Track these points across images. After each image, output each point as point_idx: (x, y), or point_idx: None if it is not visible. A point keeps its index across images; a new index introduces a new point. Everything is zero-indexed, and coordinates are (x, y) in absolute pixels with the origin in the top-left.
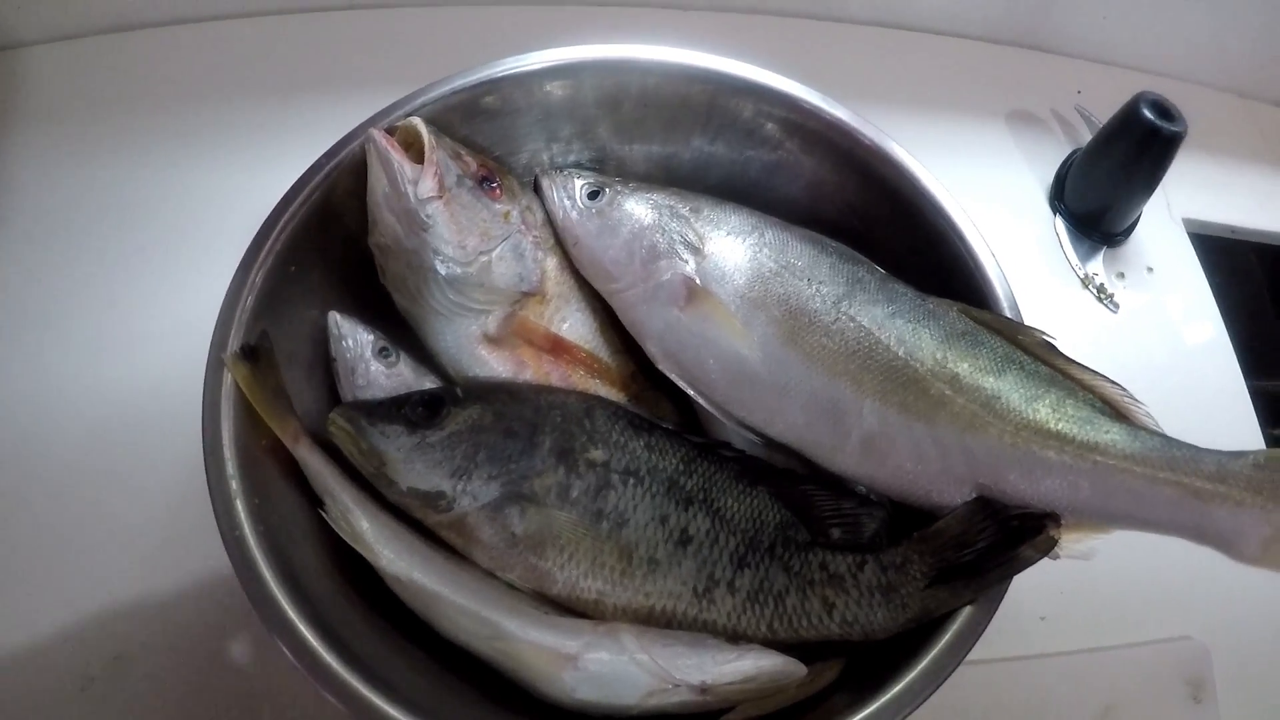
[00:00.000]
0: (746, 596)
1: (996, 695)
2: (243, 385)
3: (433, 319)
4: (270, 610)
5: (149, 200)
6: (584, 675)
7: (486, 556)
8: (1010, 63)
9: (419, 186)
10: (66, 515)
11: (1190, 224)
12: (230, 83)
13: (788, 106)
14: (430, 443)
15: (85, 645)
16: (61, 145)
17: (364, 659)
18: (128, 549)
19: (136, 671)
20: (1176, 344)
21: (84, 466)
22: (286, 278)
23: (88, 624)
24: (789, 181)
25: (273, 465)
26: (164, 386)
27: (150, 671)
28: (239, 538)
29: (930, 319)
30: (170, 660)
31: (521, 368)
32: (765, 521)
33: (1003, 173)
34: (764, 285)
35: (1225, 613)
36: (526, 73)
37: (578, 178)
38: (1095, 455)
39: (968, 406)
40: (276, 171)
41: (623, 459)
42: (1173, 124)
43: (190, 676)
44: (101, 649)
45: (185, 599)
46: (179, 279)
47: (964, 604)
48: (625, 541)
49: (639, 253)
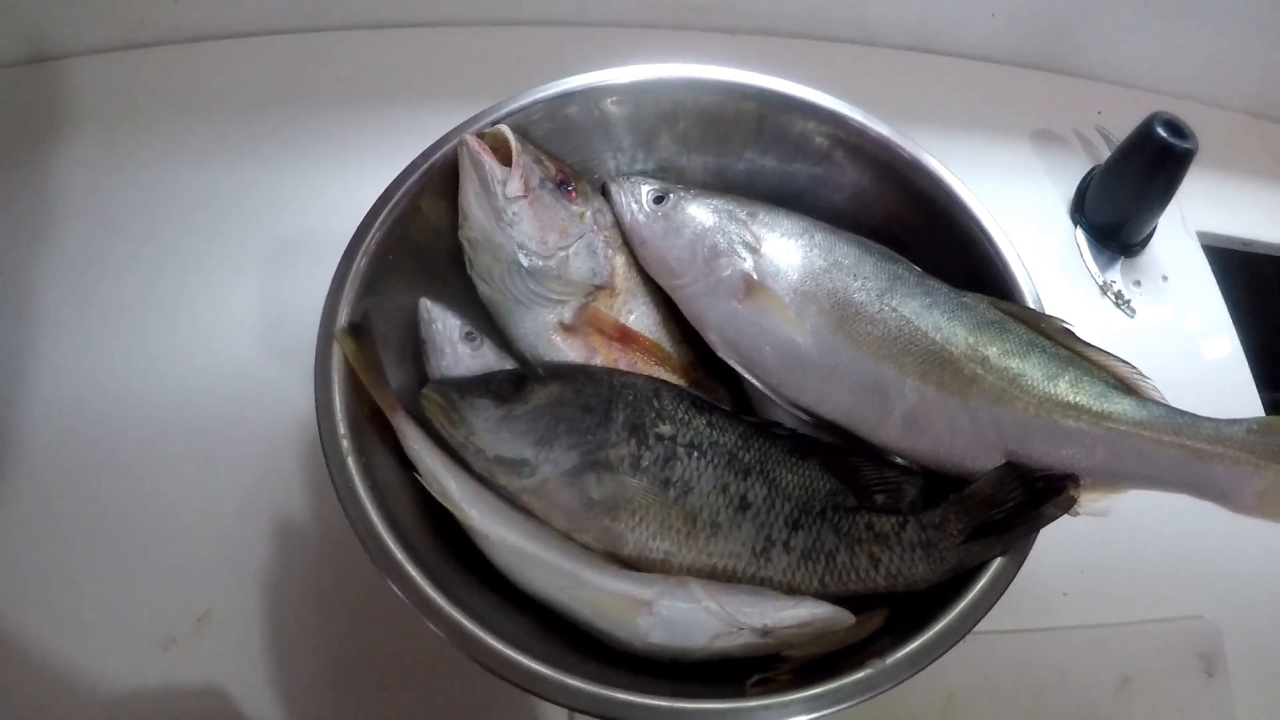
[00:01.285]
0: (800, 555)
1: (1023, 661)
2: (349, 357)
3: (514, 307)
4: (381, 553)
5: (204, 205)
6: (657, 620)
7: (564, 519)
8: (1034, 85)
9: (507, 187)
10: (148, 489)
11: (1204, 236)
12: (312, 94)
13: (834, 123)
14: (516, 415)
15: (168, 606)
16: (118, 152)
17: (462, 599)
18: (209, 515)
19: (219, 633)
20: (1189, 346)
21: (164, 444)
22: (384, 265)
23: (171, 586)
24: (834, 191)
25: (373, 431)
26: (249, 372)
27: (232, 633)
28: (352, 489)
29: (963, 310)
30: (253, 624)
31: (593, 354)
32: (816, 489)
33: (1027, 188)
34: (815, 280)
35: (1235, 594)
36: (595, 88)
37: (644, 184)
38: (1108, 423)
39: (997, 383)
40: (355, 178)
41: (687, 434)
42: (1185, 141)
43: (271, 639)
44: (185, 610)
45: (267, 562)
46: (265, 278)
47: (995, 556)
48: (690, 507)
49: (701, 252)
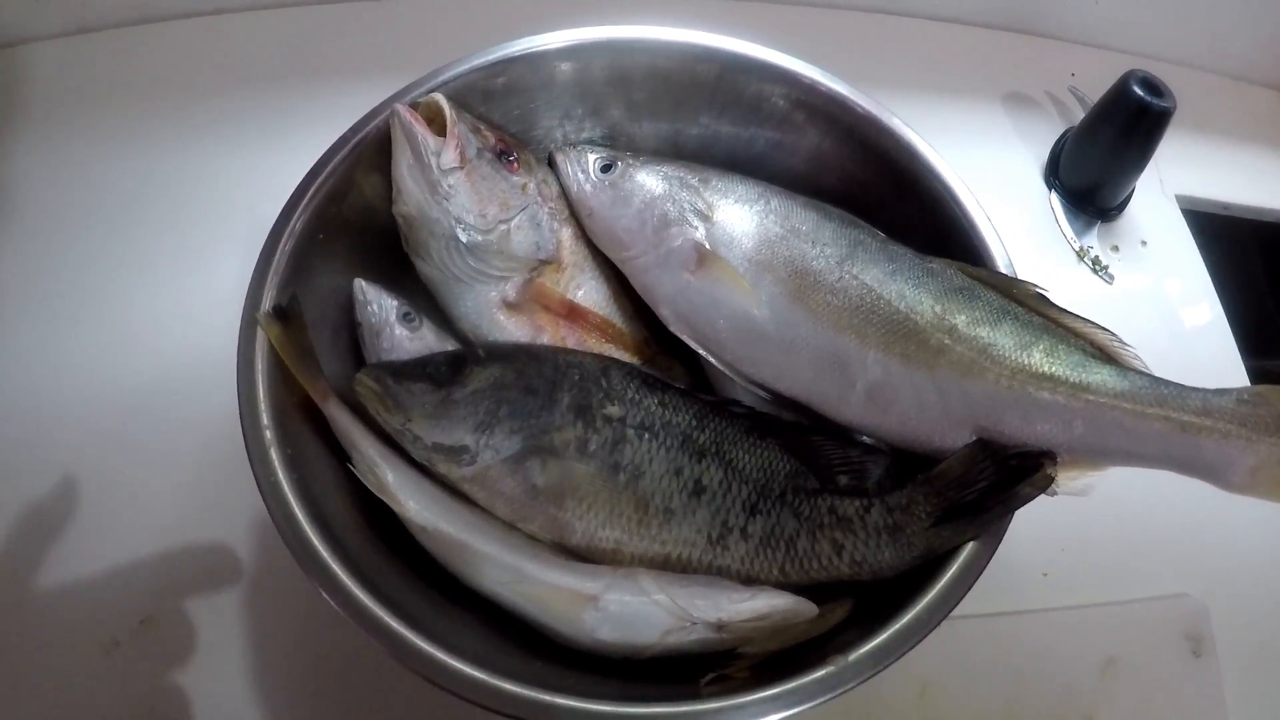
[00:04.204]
0: (759, 541)
1: (1002, 646)
2: (275, 343)
3: (454, 285)
4: (306, 554)
5: (159, 189)
6: (604, 615)
7: (508, 509)
8: (1006, 47)
9: (441, 158)
10: (91, 487)
11: (1183, 200)
12: (238, 76)
13: (789, 82)
14: (454, 399)
15: (112, 609)
16: (70, 139)
17: (395, 600)
18: (151, 517)
19: (163, 635)
20: (1170, 312)
21: (107, 440)
22: (314, 245)
23: (114, 588)
24: (792, 154)
25: (302, 422)
26: (182, 362)
27: (176, 635)
28: (274, 484)
29: (929, 276)
30: (196, 624)
31: (539, 332)
32: (775, 471)
33: (999, 152)
34: (770, 248)
35: (1221, 571)
36: (540, 52)
37: (591, 152)
38: (1087, 395)
39: (966, 354)
40: (287, 158)
41: (638, 415)
42: (1162, 100)
43: (215, 640)
44: (128, 612)
45: (210, 565)
46: (192, 263)
47: (967, 540)
48: (641, 492)
49: (651, 221)
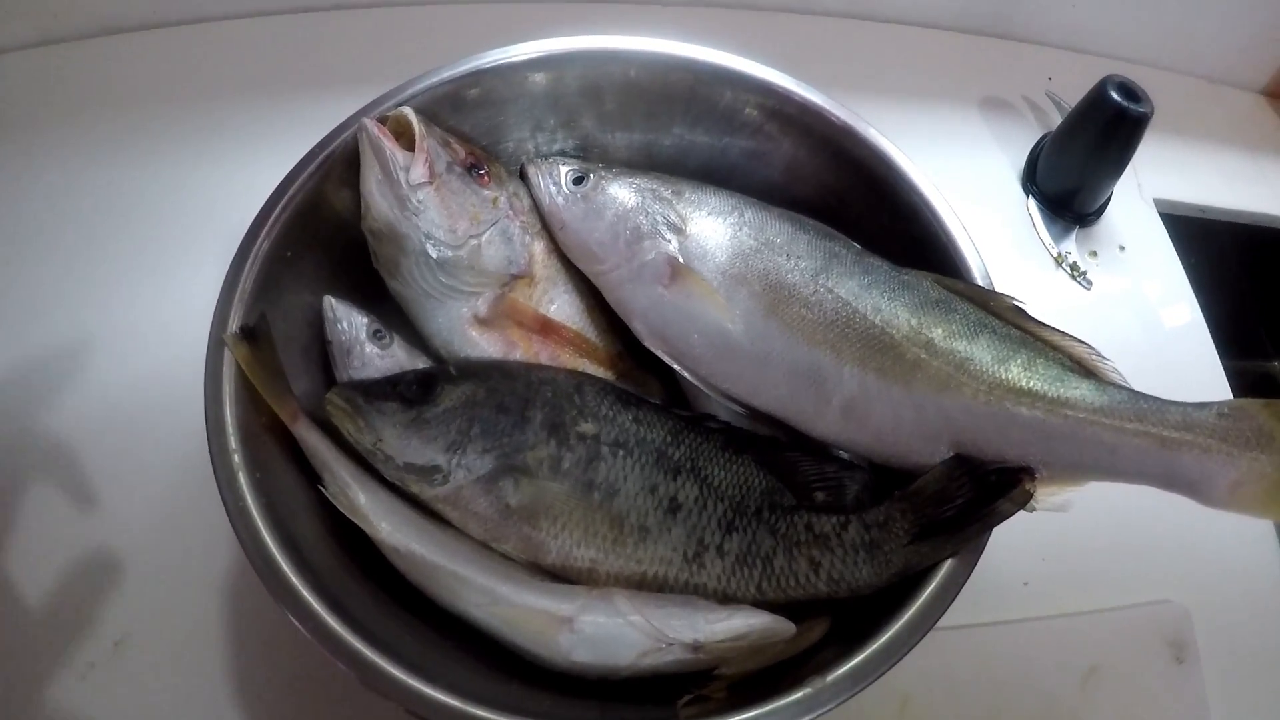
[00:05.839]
0: (735, 559)
1: (983, 657)
2: (243, 364)
3: (425, 301)
4: (275, 578)
5: (131, 201)
6: (579, 637)
7: (481, 528)
8: (982, 52)
9: (410, 173)
10: (63, 506)
11: (1161, 204)
12: (208, 86)
13: (763, 92)
14: (425, 418)
15: (86, 632)
16: (39, 150)
17: (366, 625)
18: (126, 539)
19: (138, 657)
20: (1150, 319)
21: (78, 458)
22: (283, 263)
23: (88, 611)
24: (767, 165)
25: (272, 443)
26: (155, 378)
27: (152, 657)
28: (243, 509)
29: (905, 289)
30: (171, 645)
31: (511, 348)
32: (751, 488)
33: (976, 158)
34: (744, 261)
35: (1204, 576)
36: (511, 64)
37: (562, 164)
38: (1066, 410)
39: (943, 369)
40: (259, 169)
41: (612, 432)
42: (1139, 105)
43: (191, 661)
44: (103, 635)
45: (185, 586)
46: (165, 276)
47: (945, 558)
48: (616, 510)
49: (623, 234)
